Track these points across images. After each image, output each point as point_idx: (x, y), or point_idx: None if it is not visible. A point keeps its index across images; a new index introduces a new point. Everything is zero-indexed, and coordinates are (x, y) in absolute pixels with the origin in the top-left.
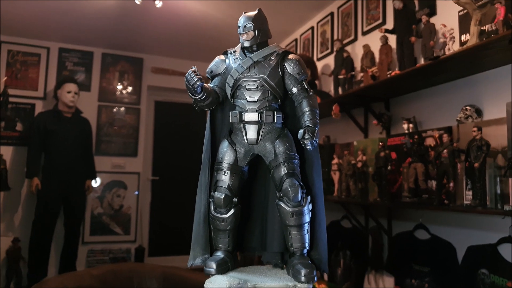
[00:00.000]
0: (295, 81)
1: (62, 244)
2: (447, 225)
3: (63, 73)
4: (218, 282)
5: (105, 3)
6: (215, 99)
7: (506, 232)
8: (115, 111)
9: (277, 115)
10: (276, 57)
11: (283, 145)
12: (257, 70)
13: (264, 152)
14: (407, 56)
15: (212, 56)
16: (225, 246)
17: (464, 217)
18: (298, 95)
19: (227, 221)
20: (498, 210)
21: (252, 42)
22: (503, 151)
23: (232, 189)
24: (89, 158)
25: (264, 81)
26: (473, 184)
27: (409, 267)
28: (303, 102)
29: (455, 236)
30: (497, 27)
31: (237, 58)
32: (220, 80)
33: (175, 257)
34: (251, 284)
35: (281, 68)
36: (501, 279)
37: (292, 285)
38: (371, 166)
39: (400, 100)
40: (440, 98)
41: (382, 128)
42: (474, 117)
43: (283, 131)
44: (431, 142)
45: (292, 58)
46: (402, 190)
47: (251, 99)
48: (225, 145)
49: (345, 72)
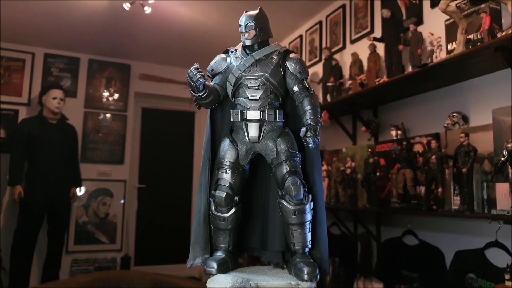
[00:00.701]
0: (296, 79)
1: (45, 254)
2: (435, 231)
3: (49, 79)
4: (221, 281)
5: (93, 8)
6: (216, 98)
7: (493, 236)
8: (101, 118)
9: (278, 113)
10: (277, 55)
11: (285, 143)
12: (259, 69)
13: (266, 151)
14: (395, 64)
15: (201, 63)
16: (226, 246)
17: (452, 222)
18: (299, 93)
19: (228, 220)
20: (485, 215)
21: (254, 41)
22: (490, 157)
23: (233, 188)
24: (75, 166)
25: (266, 79)
26: (461, 189)
27: (398, 273)
28: (304, 101)
29: (443, 241)
30: (483, 36)
31: (239, 57)
32: (221, 78)
33: (162, 266)
34: (254, 283)
35: (282, 67)
36: (488, 283)
37: (294, 283)
38: (360, 173)
39: (388, 107)
40: (427, 105)
41: (370, 135)
42: (461, 123)
43: (285, 130)
44: (419, 148)
45: (294, 57)
46: (391, 196)
47: (253, 97)
48: (226, 144)
49: (333, 79)
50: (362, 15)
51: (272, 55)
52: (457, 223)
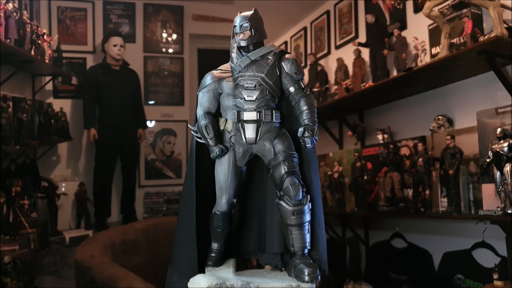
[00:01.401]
0: (292, 80)
1: (122, 188)
2: (423, 233)
3: (109, 26)
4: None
5: None
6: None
7: (480, 237)
8: (159, 61)
9: (275, 114)
10: (273, 56)
11: (282, 143)
12: (255, 69)
13: (263, 152)
14: (380, 68)
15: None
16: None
17: (440, 224)
18: (295, 94)
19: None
20: (472, 216)
21: (249, 42)
22: (475, 159)
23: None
24: (139, 108)
25: (262, 80)
26: (448, 191)
27: (387, 276)
28: (300, 101)
29: (431, 243)
30: (466, 40)
31: (234, 58)
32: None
33: None
34: (254, 285)
35: (278, 67)
36: (476, 284)
37: (295, 285)
38: (347, 177)
39: (374, 111)
40: (413, 108)
41: (357, 139)
42: (446, 126)
43: (281, 130)
44: (406, 151)
45: (289, 58)
46: (379, 199)
47: (249, 98)
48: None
49: (319, 85)
50: (346, 21)
51: (267, 56)
52: (444, 225)
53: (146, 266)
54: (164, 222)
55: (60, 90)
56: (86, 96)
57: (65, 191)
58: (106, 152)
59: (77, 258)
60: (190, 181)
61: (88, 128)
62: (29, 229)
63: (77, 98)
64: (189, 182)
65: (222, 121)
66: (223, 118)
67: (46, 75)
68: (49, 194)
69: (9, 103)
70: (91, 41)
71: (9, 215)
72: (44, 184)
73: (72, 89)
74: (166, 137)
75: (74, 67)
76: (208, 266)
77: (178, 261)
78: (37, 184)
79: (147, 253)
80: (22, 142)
